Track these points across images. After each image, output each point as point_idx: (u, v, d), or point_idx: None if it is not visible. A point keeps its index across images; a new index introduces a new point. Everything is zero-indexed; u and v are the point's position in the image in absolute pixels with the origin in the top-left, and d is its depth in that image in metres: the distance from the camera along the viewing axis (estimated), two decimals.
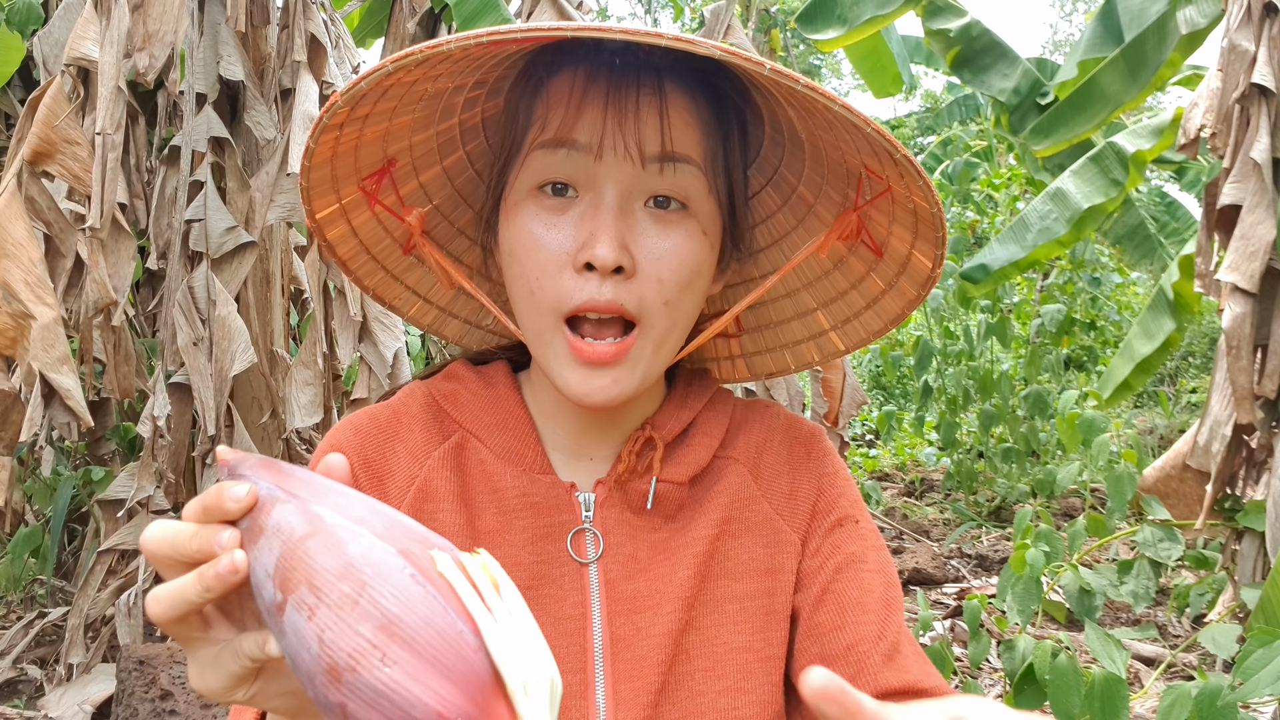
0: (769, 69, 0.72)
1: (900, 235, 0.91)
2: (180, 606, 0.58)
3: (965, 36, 5.06)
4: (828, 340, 1.04)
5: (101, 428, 3.70)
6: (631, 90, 0.84)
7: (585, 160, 0.83)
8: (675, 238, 0.85)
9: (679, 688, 0.88)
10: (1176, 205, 6.87)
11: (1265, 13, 3.10)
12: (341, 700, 0.51)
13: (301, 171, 0.88)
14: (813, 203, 0.98)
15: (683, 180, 0.85)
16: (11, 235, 2.71)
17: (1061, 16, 37.15)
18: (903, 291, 0.95)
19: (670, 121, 0.84)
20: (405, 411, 0.95)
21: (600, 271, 0.81)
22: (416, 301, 1.05)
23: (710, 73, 0.88)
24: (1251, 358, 3.07)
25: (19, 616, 3.49)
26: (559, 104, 0.84)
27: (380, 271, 1.01)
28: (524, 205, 0.86)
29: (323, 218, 0.93)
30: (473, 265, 1.04)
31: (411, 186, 0.97)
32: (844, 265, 0.99)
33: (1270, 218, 3.01)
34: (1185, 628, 3.53)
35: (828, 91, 0.74)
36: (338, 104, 0.80)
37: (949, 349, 6.01)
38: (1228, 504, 3.16)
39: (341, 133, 0.85)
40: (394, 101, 0.86)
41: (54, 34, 3.13)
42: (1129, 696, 1.84)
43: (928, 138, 14.44)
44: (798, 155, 0.97)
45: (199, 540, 0.58)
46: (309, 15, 3.03)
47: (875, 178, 0.89)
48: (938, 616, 3.72)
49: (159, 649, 2.63)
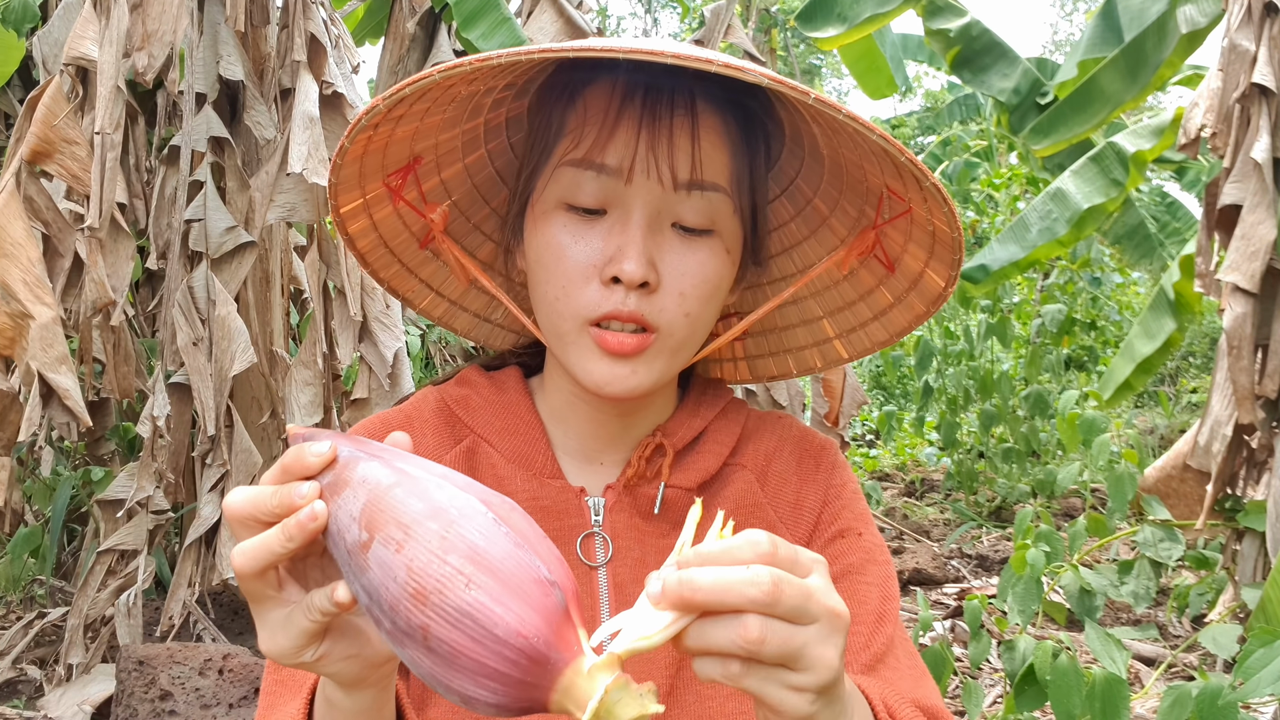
0: (813, 99, 0.73)
1: (915, 254, 0.92)
2: (264, 557, 0.61)
3: (965, 36, 5.05)
4: (831, 348, 1.05)
5: (101, 428, 3.69)
6: (665, 112, 0.85)
7: (615, 183, 0.85)
8: (700, 255, 0.86)
9: (686, 692, 0.88)
10: (1177, 205, 6.86)
11: (1265, 12, 3.10)
12: (425, 622, 0.54)
13: (332, 169, 0.89)
14: (827, 215, 0.99)
15: (710, 206, 0.86)
16: (10, 235, 2.70)
17: (1062, 16, 37.14)
18: (911, 306, 0.96)
19: (701, 146, 0.85)
20: (417, 416, 0.97)
21: (626, 285, 0.83)
22: (429, 294, 1.06)
23: (742, 91, 0.89)
24: (1252, 358, 3.06)
25: (18, 617, 3.49)
26: (594, 121, 0.86)
27: (396, 264, 1.02)
28: (552, 216, 0.87)
29: (346, 212, 0.95)
30: (486, 259, 1.05)
31: (434, 183, 0.99)
32: (854, 277, 0.99)
33: (1271, 217, 3.01)
34: (1186, 628, 3.53)
35: (869, 123, 0.75)
36: (379, 107, 0.81)
37: (949, 349, 6.00)
38: (1228, 504, 3.15)
39: (375, 132, 0.87)
40: (429, 103, 0.87)
41: (53, 33, 3.12)
42: (1129, 697, 1.83)
43: (928, 137, 14.44)
44: (816, 169, 0.98)
45: (280, 496, 0.61)
46: (309, 15, 3.03)
47: (897, 198, 0.89)
48: (938, 617, 3.71)
49: (158, 649, 2.63)
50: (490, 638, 0.54)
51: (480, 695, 0.55)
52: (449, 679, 0.55)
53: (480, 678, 0.54)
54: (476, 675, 0.54)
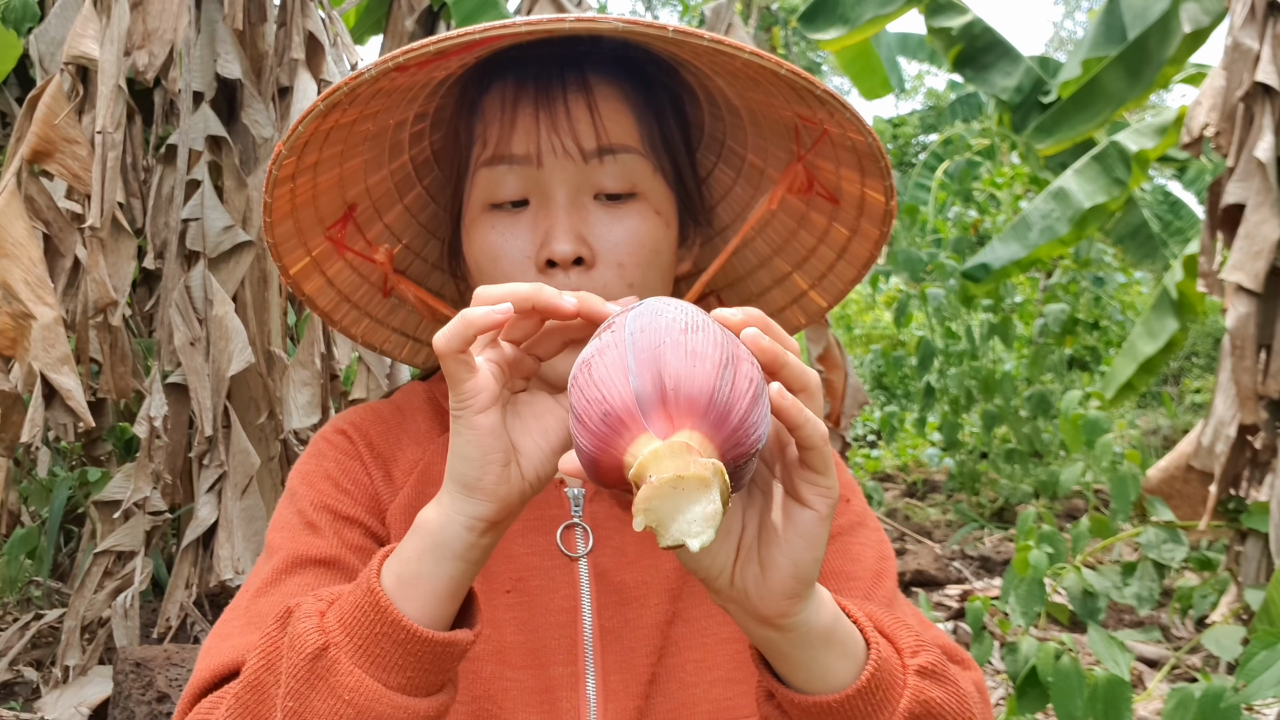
0: (671, 31, 0.75)
1: (849, 177, 0.94)
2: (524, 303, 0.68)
3: (967, 34, 5.05)
4: (809, 300, 1.06)
5: (98, 428, 3.69)
6: (558, 91, 0.87)
7: (528, 170, 0.87)
8: (629, 222, 0.88)
9: (670, 679, 0.89)
10: (1180, 204, 6.85)
11: (1269, 11, 3.09)
12: (579, 376, 0.65)
13: (265, 229, 0.89)
14: (764, 168, 1.01)
15: (626, 168, 0.88)
16: (11, 235, 2.70)
17: (1064, 14, 37.14)
18: (866, 233, 0.98)
19: (600, 114, 0.87)
20: (407, 405, 1.00)
21: (562, 265, 0.85)
22: (406, 342, 1.08)
23: (636, 60, 0.91)
24: (1255, 358, 3.05)
25: (15, 618, 3.48)
26: (493, 120, 0.88)
27: (365, 319, 1.04)
28: (479, 221, 0.90)
29: (297, 272, 0.95)
30: (452, 297, 1.06)
31: (377, 229, 0.99)
32: (806, 222, 1.01)
33: (1274, 217, 3.00)
34: (1189, 629, 3.51)
35: (732, 40, 0.77)
36: (282, 154, 0.82)
37: (951, 349, 5.98)
38: (1231, 505, 3.14)
39: (296, 184, 0.87)
40: (339, 145, 0.88)
41: (50, 32, 3.11)
42: (1132, 698, 1.82)
43: (930, 136, 14.43)
44: (739, 125, 0.99)
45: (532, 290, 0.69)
46: (307, 13, 3.02)
47: (810, 124, 0.91)
48: (940, 618, 3.70)
49: (156, 651, 2.62)
50: (598, 399, 0.61)
51: (582, 443, 0.63)
52: (576, 413, 0.63)
53: (582, 425, 0.62)
54: (583, 421, 0.62)
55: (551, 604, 0.89)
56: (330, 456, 0.96)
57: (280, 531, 0.92)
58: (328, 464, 0.95)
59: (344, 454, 0.96)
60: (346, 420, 0.99)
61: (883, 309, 9.17)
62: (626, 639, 0.89)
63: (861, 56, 5.96)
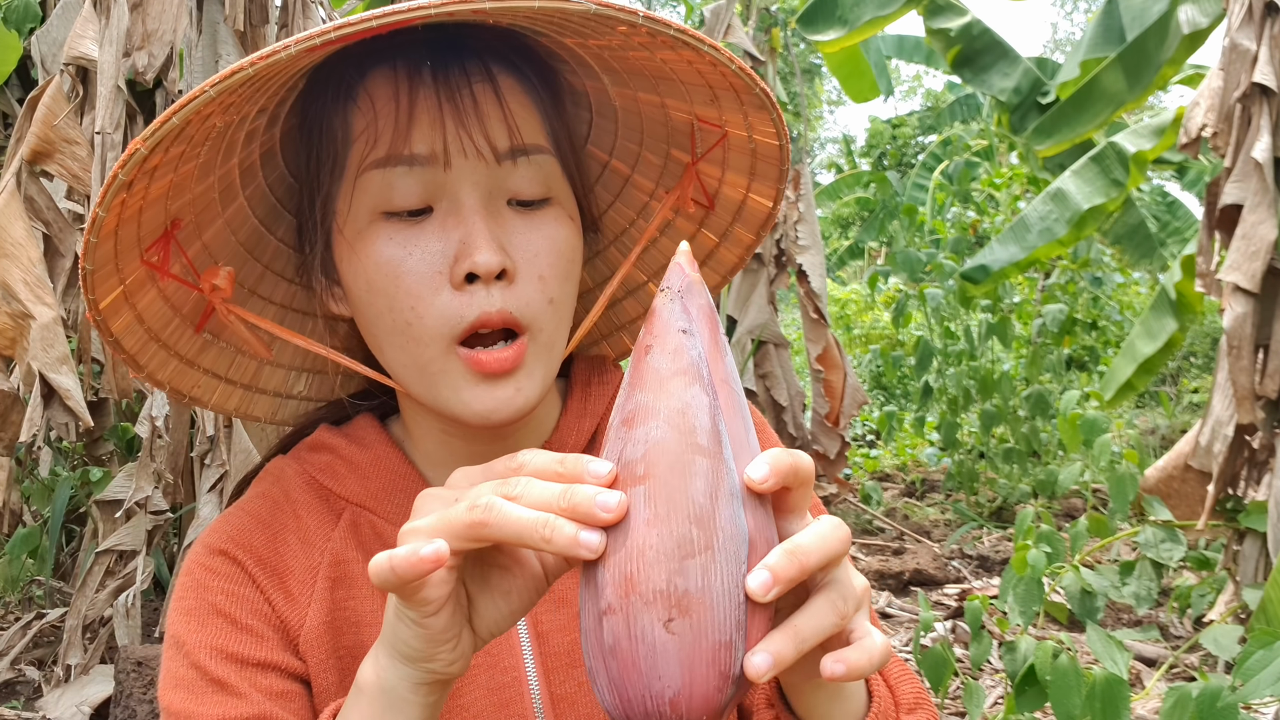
0: (594, 10, 0.65)
1: (734, 181, 0.88)
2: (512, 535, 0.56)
3: (966, 35, 5.06)
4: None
5: (99, 428, 3.69)
6: (462, 83, 0.75)
7: (432, 172, 0.75)
8: (546, 229, 0.78)
9: None
10: (1177, 204, 6.87)
11: (1266, 12, 3.10)
12: (614, 606, 0.53)
13: (85, 251, 0.71)
14: (629, 173, 0.92)
15: (540, 171, 0.78)
16: (11, 235, 2.70)
17: (1063, 15, 37.13)
18: (738, 239, 0.92)
19: (511, 110, 0.76)
20: (284, 499, 0.85)
21: (485, 279, 0.74)
22: (217, 385, 0.90)
23: (531, 51, 0.81)
24: (1253, 358, 3.06)
25: (17, 617, 3.49)
26: (386, 113, 0.75)
27: (174, 360, 0.85)
28: (369, 232, 0.76)
29: (106, 308, 0.77)
30: (270, 329, 0.89)
31: (195, 249, 0.82)
32: (670, 229, 0.93)
33: (1272, 217, 3.01)
34: (1187, 629, 3.52)
35: (677, 24, 0.68)
36: (139, 151, 0.65)
37: (950, 349, 5.99)
38: (1229, 505, 3.15)
39: (129, 193, 0.70)
40: (184, 144, 0.71)
41: (52, 33, 3.12)
42: (1130, 697, 1.83)
43: (929, 137, 14.43)
44: (607, 128, 0.90)
45: (574, 495, 0.55)
46: (308, 14, 3.02)
47: (711, 127, 0.84)
48: (939, 617, 3.71)
49: (157, 650, 2.63)
50: (649, 674, 0.51)
51: (603, 694, 0.54)
52: (593, 654, 0.54)
53: (612, 687, 0.53)
54: (612, 684, 0.53)
55: (493, 680, 0.81)
56: (215, 587, 0.80)
57: (177, 693, 0.77)
58: (215, 597, 0.79)
59: (230, 580, 0.80)
60: (221, 536, 0.82)
61: (881, 309, 9.19)
62: (582, 705, 0.82)
63: (850, 59, 5.97)
